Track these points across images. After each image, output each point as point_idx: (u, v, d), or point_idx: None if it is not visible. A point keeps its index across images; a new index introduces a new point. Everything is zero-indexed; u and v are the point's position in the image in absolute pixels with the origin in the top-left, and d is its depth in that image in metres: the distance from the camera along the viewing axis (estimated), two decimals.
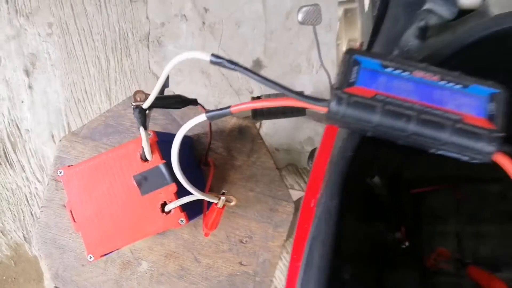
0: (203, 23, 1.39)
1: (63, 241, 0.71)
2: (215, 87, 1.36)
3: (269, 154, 0.71)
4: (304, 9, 0.85)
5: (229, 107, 0.37)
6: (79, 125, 1.44)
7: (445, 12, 0.41)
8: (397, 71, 0.33)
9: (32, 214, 1.49)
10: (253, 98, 0.90)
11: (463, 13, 0.41)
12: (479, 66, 0.37)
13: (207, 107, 1.40)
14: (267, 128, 1.36)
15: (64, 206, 0.71)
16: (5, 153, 1.51)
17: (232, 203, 0.52)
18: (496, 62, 0.38)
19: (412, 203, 0.60)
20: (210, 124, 0.63)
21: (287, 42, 1.35)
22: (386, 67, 0.33)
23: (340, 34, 0.89)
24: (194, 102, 0.55)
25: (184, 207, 0.53)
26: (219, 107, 0.41)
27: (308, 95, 0.34)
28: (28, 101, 1.51)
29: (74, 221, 0.54)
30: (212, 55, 0.37)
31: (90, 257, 0.53)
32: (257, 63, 1.38)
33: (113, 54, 1.46)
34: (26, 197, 1.49)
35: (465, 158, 0.32)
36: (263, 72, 1.38)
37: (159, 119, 0.69)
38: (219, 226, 0.69)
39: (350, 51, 0.34)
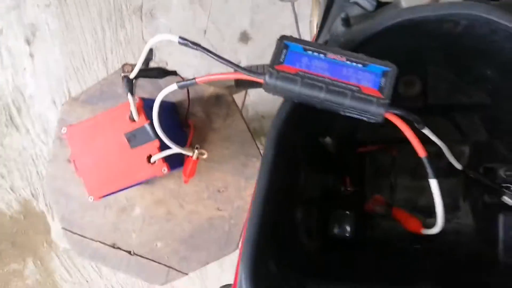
0: None
1: (68, 190, 0.84)
2: (205, 58, 1.44)
3: (243, 119, 0.83)
4: None
5: (194, 78, 0.49)
6: (78, 91, 1.54)
7: (367, 4, 0.51)
8: (316, 54, 0.44)
9: (38, 173, 1.62)
10: (235, 70, 1.01)
11: (382, 5, 0.52)
12: (384, 48, 0.48)
13: (198, 76, 1.49)
14: (254, 96, 1.46)
15: (68, 161, 0.84)
16: (10, 117, 1.63)
17: (205, 156, 0.64)
18: (397, 45, 0.49)
19: (358, 160, 0.72)
20: (188, 91, 0.75)
21: (273, 15, 1.42)
22: (307, 50, 0.44)
23: (312, 12, 0.98)
24: (174, 73, 0.66)
25: (166, 159, 0.65)
26: None
27: (252, 69, 0.46)
28: (30, 68, 1.60)
29: (77, 169, 0.67)
30: (180, 37, 0.48)
31: (91, 198, 0.66)
32: (244, 35, 1.46)
33: (108, 25, 1.54)
34: (32, 157, 1.62)
35: (365, 119, 0.44)
36: (250, 43, 1.47)
37: (147, 87, 0.80)
38: (200, 178, 0.82)
39: (282, 38, 0.45)
